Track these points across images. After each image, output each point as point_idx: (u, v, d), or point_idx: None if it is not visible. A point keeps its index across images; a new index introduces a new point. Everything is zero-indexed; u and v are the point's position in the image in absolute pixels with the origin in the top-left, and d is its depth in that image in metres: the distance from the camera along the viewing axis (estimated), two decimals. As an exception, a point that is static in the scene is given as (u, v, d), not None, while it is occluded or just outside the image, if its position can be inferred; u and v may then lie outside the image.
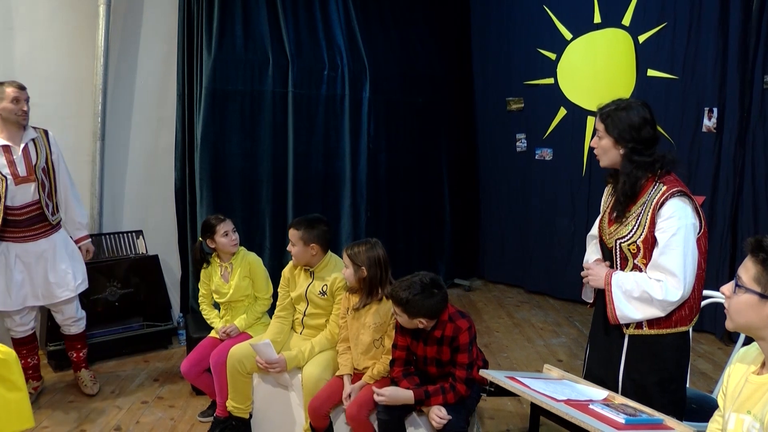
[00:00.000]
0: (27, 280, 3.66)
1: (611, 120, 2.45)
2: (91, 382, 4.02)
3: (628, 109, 2.44)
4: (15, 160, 3.52)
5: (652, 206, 2.36)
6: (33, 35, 4.44)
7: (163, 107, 5.00)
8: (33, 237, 3.62)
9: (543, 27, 5.99)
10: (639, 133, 2.41)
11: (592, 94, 5.71)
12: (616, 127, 2.43)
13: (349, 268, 2.98)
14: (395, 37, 6.14)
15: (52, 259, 3.70)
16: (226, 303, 3.63)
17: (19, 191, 3.53)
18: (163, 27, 4.94)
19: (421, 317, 2.66)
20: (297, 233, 3.20)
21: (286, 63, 5.23)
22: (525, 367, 4.43)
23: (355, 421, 2.82)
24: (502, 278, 6.74)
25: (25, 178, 3.54)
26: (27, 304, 3.71)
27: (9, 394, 2.75)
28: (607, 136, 2.47)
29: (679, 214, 2.31)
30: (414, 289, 2.64)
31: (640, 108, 2.45)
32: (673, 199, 2.32)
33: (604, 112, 2.50)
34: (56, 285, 3.71)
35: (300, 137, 5.34)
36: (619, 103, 2.49)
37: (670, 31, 5.08)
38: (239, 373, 3.24)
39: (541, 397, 2.36)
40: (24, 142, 3.58)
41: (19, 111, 3.52)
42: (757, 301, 1.63)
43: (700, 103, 4.94)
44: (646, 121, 2.43)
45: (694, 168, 4.98)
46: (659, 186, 2.38)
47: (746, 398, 1.65)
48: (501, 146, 6.52)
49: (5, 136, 3.54)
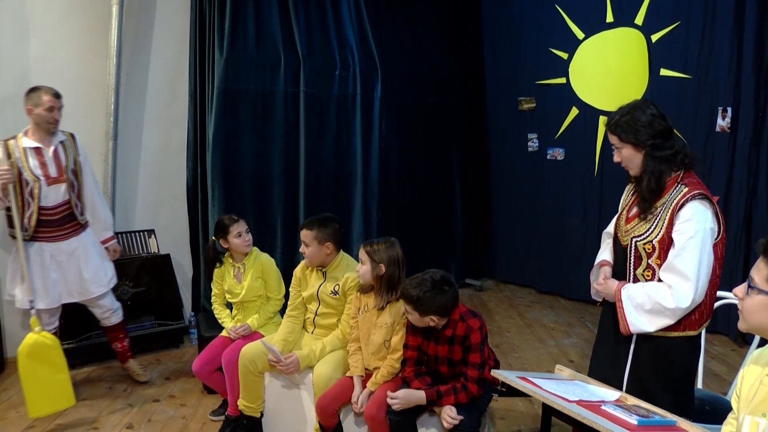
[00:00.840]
0: (61, 278, 3.76)
1: (621, 128, 2.44)
2: (142, 369, 4.17)
3: (632, 111, 2.43)
4: (46, 162, 3.63)
5: (671, 207, 2.35)
6: (46, 35, 4.47)
7: (175, 107, 5.02)
8: (64, 236, 3.73)
9: (555, 26, 5.97)
10: (653, 128, 2.39)
11: (604, 93, 5.68)
12: (629, 132, 2.41)
13: (366, 265, 2.95)
14: (407, 36, 6.13)
15: (84, 256, 3.81)
16: (239, 303, 3.64)
17: (51, 192, 3.64)
18: (175, 27, 4.96)
19: (432, 315, 2.65)
20: (310, 233, 3.18)
21: (298, 63, 5.24)
22: (536, 368, 4.41)
23: (374, 421, 2.82)
24: (513, 278, 6.73)
25: (56, 179, 3.65)
26: (62, 301, 3.81)
27: (56, 375, 3.40)
28: (624, 144, 2.45)
29: (698, 217, 2.30)
30: (424, 286, 2.63)
31: (644, 105, 2.44)
32: (694, 202, 2.31)
33: (611, 124, 2.48)
34: (91, 281, 3.83)
35: (311, 137, 5.35)
36: (621, 110, 2.47)
37: (683, 30, 5.05)
38: (251, 372, 3.24)
39: (552, 398, 2.35)
40: (54, 144, 3.69)
41: (51, 119, 3.63)
42: None
43: (713, 102, 4.91)
44: (654, 116, 2.41)
45: (708, 168, 4.93)
46: (681, 187, 2.37)
47: (761, 400, 1.63)
48: (512, 146, 6.50)
49: (36, 138, 3.65)
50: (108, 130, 4.64)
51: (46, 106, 3.59)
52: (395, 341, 2.94)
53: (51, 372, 3.39)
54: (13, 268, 3.76)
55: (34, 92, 3.62)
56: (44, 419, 3.58)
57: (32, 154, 3.61)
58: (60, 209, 3.69)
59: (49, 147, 3.67)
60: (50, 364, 3.40)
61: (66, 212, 3.72)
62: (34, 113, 3.60)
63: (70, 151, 3.74)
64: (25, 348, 3.37)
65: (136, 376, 4.14)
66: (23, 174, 3.56)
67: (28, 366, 3.36)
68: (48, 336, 3.44)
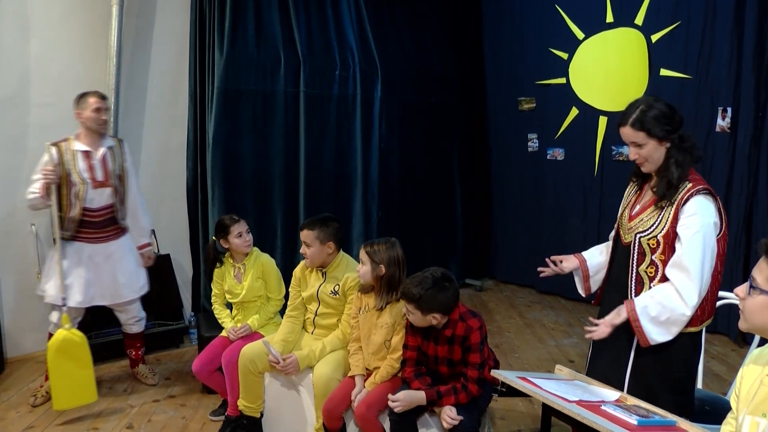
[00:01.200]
0: (96, 279, 3.80)
1: (646, 123, 2.39)
2: (151, 373, 4.19)
3: (651, 106, 2.40)
4: (94, 165, 3.72)
5: (676, 202, 2.35)
6: (47, 36, 4.47)
7: (175, 107, 5.02)
8: (104, 238, 3.81)
9: (555, 26, 5.97)
10: (675, 120, 2.39)
11: (604, 94, 5.68)
12: (656, 127, 2.38)
13: (366, 265, 2.95)
14: (407, 36, 6.14)
15: (121, 260, 3.87)
16: (239, 303, 3.65)
17: (96, 194, 3.73)
18: (175, 27, 4.96)
19: (434, 313, 2.65)
20: (312, 233, 3.17)
21: (298, 63, 5.24)
22: (536, 368, 4.41)
23: (364, 421, 2.82)
24: (513, 278, 6.73)
25: (102, 183, 3.74)
26: (93, 303, 3.84)
27: (81, 371, 3.55)
28: (650, 139, 2.41)
29: (702, 211, 2.30)
30: (426, 284, 2.63)
31: (656, 102, 2.43)
32: (698, 196, 2.32)
33: (634, 120, 2.42)
34: (124, 285, 3.88)
35: (311, 137, 5.35)
36: (638, 106, 2.43)
37: (683, 30, 5.05)
38: (251, 373, 3.24)
39: (552, 398, 2.35)
40: (102, 148, 3.78)
41: (100, 120, 3.73)
42: None
43: (713, 102, 4.90)
44: (671, 108, 2.41)
45: (708, 168, 4.93)
46: (685, 183, 2.37)
47: (761, 400, 1.63)
48: (513, 146, 6.50)
49: (86, 142, 3.74)
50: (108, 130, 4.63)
51: (93, 107, 3.70)
52: (395, 341, 2.94)
53: (77, 368, 3.53)
54: (51, 265, 3.80)
55: (81, 97, 3.74)
56: (44, 419, 3.59)
57: (81, 157, 3.70)
58: (103, 212, 3.77)
59: (98, 151, 3.76)
60: (77, 360, 3.54)
61: (108, 216, 3.80)
62: (83, 117, 3.71)
63: (117, 157, 3.83)
64: (55, 343, 3.49)
65: (146, 379, 4.15)
66: (71, 176, 3.65)
67: (57, 361, 3.48)
68: (77, 333, 3.57)
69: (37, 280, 4.47)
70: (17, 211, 4.41)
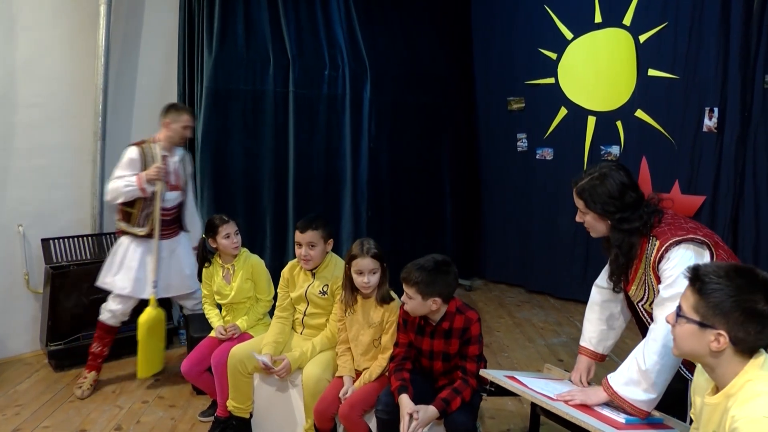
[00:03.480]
0: (164, 273, 4.06)
1: (589, 195, 2.31)
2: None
3: (603, 178, 2.30)
4: (170, 170, 4.00)
5: (651, 266, 2.28)
6: (34, 35, 4.43)
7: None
8: (169, 235, 4.10)
9: (544, 26, 5.98)
10: (622, 201, 2.28)
11: (593, 93, 5.71)
12: (596, 202, 2.30)
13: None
14: (396, 36, 6.13)
15: (184, 255, 4.19)
16: (228, 304, 3.64)
17: (170, 196, 4.03)
18: (164, 26, 4.94)
19: (435, 297, 2.63)
20: (317, 233, 3.11)
21: (287, 62, 5.23)
22: (526, 367, 4.43)
23: (348, 421, 2.82)
24: (503, 278, 6.74)
25: (174, 186, 4.05)
26: (160, 295, 4.06)
27: (159, 344, 4.08)
28: (589, 211, 2.34)
29: (680, 263, 2.18)
30: (428, 265, 2.65)
31: (616, 173, 2.32)
32: (670, 251, 2.23)
33: (579, 187, 2.34)
34: (190, 277, 4.17)
35: (301, 137, 5.33)
36: (593, 174, 2.34)
37: (671, 30, 5.07)
38: (240, 373, 3.24)
39: (540, 397, 2.36)
40: (177, 155, 4.09)
41: (185, 136, 4.07)
42: (697, 329, 1.66)
43: (701, 102, 4.93)
44: (625, 186, 2.29)
45: (696, 168, 4.97)
46: (653, 241, 2.29)
47: (708, 420, 1.71)
48: (502, 146, 6.51)
49: (165, 147, 4.01)
50: (96, 131, 4.61)
51: (184, 124, 4.00)
52: (386, 340, 2.95)
53: (157, 341, 4.02)
54: (112, 260, 4.03)
55: (175, 109, 4.03)
56: (31, 422, 3.56)
57: (161, 160, 3.96)
58: (172, 212, 4.09)
59: (174, 157, 4.05)
60: (158, 335, 4.03)
61: (175, 215, 4.13)
62: (171, 127, 3.98)
63: (186, 165, 4.17)
64: (146, 321, 3.90)
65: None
66: None
67: (146, 335, 3.91)
68: (161, 312, 4.00)
69: (24, 280, 4.46)
70: (4, 212, 4.38)
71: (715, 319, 1.62)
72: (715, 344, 1.62)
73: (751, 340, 1.60)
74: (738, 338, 1.60)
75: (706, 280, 1.64)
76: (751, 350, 1.62)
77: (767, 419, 1.48)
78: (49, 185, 4.57)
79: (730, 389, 1.62)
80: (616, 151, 5.55)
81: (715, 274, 1.64)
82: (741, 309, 1.59)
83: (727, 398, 1.62)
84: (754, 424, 1.48)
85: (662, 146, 5.18)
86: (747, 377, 1.60)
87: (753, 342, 1.61)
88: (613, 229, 2.31)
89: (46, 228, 4.53)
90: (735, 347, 1.61)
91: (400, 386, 2.67)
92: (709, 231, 2.38)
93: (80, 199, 4.71)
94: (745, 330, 1.59)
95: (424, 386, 2.79)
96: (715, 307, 1.62)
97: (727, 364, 1.63)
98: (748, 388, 1.58)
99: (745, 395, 1.57)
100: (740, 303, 1.59)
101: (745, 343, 1.61)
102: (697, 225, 2.37)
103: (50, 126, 4.51)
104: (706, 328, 1.63)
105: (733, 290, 1.60)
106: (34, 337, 4.55)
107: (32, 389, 4.01)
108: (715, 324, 1.62)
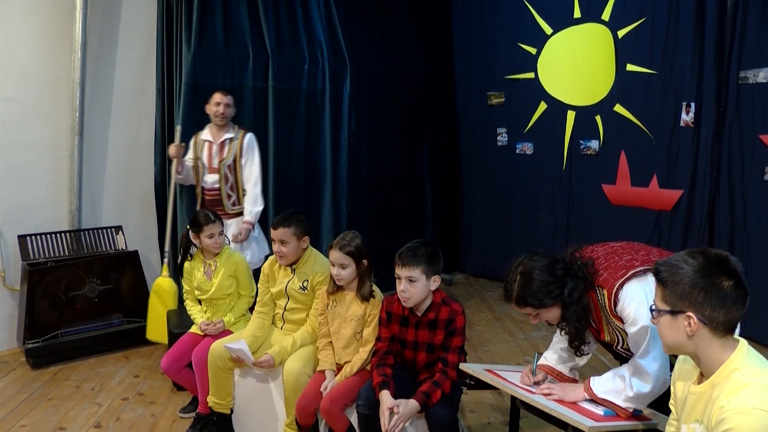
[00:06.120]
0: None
1: (531, 298, 2.30)
2: None
3: (529, 275, 2.30)
4: (212, 154, 4.32)
5: (611, 313, 2.30)
6: (9, 29, 4.38)
7: (142, 102, 4.96)
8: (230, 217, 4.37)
9: (523, 21, 6.01)
10: (557, 278, 2.30)
11: (572, 88, 5.74)
12: (541, 298, 2.29)
13: (348, 267, 2.91)
14: (377, 32, 6.12)
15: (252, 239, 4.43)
16: (208, 300, 3.62)
17: (209, 177, 4.36)
18: (142, 21, 4.90)
19: (436, 275, 2.70)
20: (289, 230, 3.12)
21: (267, 57, 5.20)
22: (506, 361, 4.46)
23: (329, 415, 2.83)
24: (483, 272, 6.77)
25: (213, 169, 4.34)
26: None
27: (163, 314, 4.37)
28: (541, 309, 2.33)
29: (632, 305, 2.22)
30: (423, 245, 2.70)
31: (531, 263, 2.34)
32: (619, 296, 2.26)
33: (518, 298, 2.33)
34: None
35: (281, 132, 5.31)
36: (516, 281, 2.33)
37: (648, 26, 5.12)
38: (220, 369, 3.23)
39: (520, 390, 2.38)
40: (221, 140, 4.34)
41: (218, 113, 4.28)
42: (670, 319, 1.70)
43: (678, 97, 4.98)
44: (548, 266, 2.32)
45: (674, 162, 5.02)
46: (601, 291, 2.31)
47: (691, 409, 1.73)
48: (482, 140, 6.54)
49: (210, 133, 4.37)
50: (73, 126, 4.56)
51: (214, 101, 4.27)
52: (367, 333, 2.95)
53: (164, 310, 4.37)
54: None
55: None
56: (8, 421, 3.53)
57: (206, 145, 4.35)
58: (211, 192, 4.38)
59: (217, 141, 4.33)
60: (164, 303, 4.43)
61: (215, 197, 4.37)
62: (208, 110, 4.31)
63: (233, 149, 4.34)
64: (154, 289, 4.45)
65: None
66: (200, 159, 4.37)
67: (153, 300, 4.43)
68: (171, 282, 4.46)
69: (0, 277, 4.41)
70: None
71: (681, 304, 1.67)
72: (688, 328, 1.66)
73: (721, 316, 1.63)
74: (707, 316, 1.64)
75: (664, 271, 1.71)
76: (726, 328, 1.65)
77: (756, 410, 1.51)
78: (26, 181, 4.52)
79: (716, 378, 1.65)
80: (596, 146, 5.59)
81: (670, 263, 1.71)
82: (699, 287, 1.64)
83: (713, 387, 1.65)
84: (743, 415, 1.52)
85: (641, 141, 5.23)
86: (733, 366, 1.63)
87: (724, 318, 1.64)
88: (567, 305, 2.31)
89: (23, 224, 4.49)
90: (708, 327, 1.64)
91: (382, 382, 2.68)
92: (645, 251, 2.42)
93: (58, 195, 4.66)
94: (711, 306, 1.63)
95: (406, 380, 2.80)
96: (677, 292, 1.67)
97: (708, 348, 1.66)
98: (735, 378, 1.61)
99: (732, 386, 1.60)
100: (697, 282, 1.64)
101: (716, 321, 1.64)
102: (632, 253, 2.39)
103: (26, 122, 4.46)
104: (677, 314, 1.68)
105: (689, 272, 1.66)
106: (11, 335, 4.51)
107: (9, 387, 3.97)
108: (683, 308, 1.67)
